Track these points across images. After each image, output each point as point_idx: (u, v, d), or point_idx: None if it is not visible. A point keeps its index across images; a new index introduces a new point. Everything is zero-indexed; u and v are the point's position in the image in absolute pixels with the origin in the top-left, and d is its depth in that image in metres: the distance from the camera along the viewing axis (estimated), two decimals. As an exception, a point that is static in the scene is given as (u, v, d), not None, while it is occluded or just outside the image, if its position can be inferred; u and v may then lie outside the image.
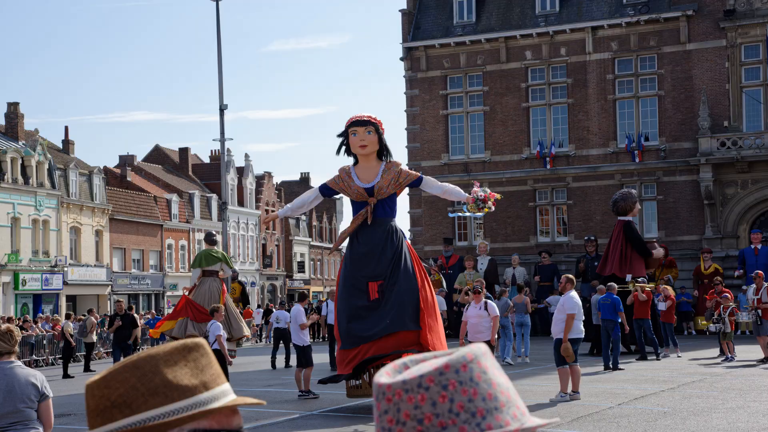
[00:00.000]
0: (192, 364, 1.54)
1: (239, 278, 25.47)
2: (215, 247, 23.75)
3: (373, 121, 12.99)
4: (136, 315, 26.98)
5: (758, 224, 31.93)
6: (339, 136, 13.18)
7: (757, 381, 15.07)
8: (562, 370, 13.34)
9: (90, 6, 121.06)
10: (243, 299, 25.13)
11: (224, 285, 23.27)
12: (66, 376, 23.19)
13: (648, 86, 33.73)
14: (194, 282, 22.92)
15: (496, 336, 15.59)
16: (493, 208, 13.48)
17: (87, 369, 25.22)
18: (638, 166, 33.32)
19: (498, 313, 15.22)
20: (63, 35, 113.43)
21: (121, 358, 18.67)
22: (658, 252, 22.79)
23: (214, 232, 25.13)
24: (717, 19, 32.47)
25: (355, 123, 12.96)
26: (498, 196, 13.67)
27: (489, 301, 15.32)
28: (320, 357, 19.96)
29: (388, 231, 12.95)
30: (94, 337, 26.81)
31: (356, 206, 13.14)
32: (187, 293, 22.15)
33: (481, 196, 13.32)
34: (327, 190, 13.39)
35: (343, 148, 13.14)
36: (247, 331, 23.54)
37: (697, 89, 32.62)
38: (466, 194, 13.68)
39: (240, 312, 23.30)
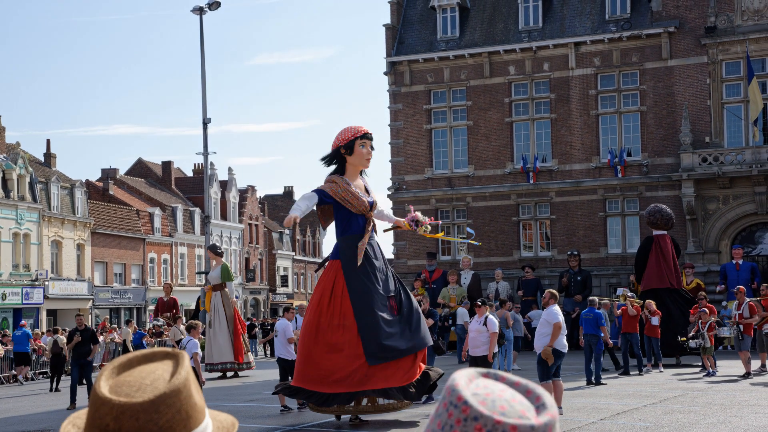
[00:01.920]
0: (194, 381, 1.55)
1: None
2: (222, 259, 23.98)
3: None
4: (117, 329, 26.85)
5: (739, 239, 32.12)
6: (345, 146, 12.68)
7: (738, 396, 15.11)
8: (545, 385, 13.33)
9: (72, 19, 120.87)
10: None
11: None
12: (56, 390, 23.12)
13: (630, 102, 33.93)
14: (232, 296, 23.04)
15: (495, 351, 15.29)
16: (428, 228, 13.44)
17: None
18: (621, 181, 33.47)
19: (497, 329, 14.95)
20: (45, 48, 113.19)
21: (84, 376, 18.17)
22: None
23: (218, 244, 25.30)
24: (698, 36, 32.74)
25: (366, 135, 12.71)
26: (427, 222, 13.56)
27: (490, 315, 15.02)
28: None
29: (380, 247, 13.03)
30: None
31: (355, 220, 12.67)
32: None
33: (419, 219, 13.41)
34: (325, 197, 12.55)
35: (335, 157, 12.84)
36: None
37: (678, 105, 32.85)
38: (395, 218, 13.96)
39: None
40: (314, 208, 12.84)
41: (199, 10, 33.49)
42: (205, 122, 33.60)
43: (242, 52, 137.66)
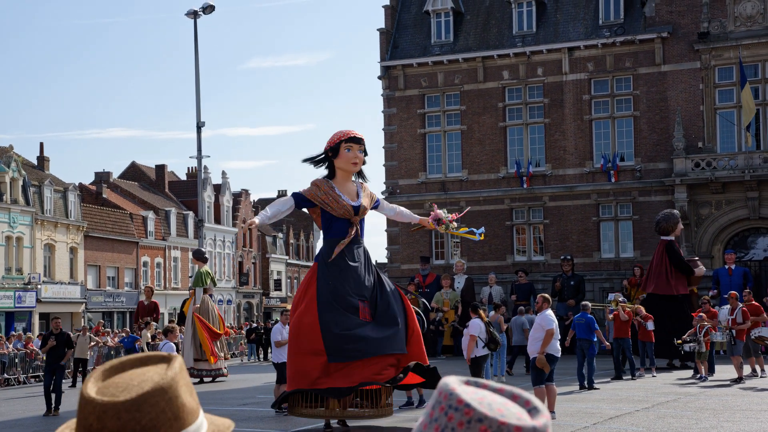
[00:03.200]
0: (187, 384, 1.55)
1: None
2: (206, 265, 23.83)
3: (364, 140, 13.03)
4: (111, 333, 26.81)
5: (732, 245, 32.19)
6: (331, 149, 12.76)
7: (731, 401, 15.15)
8: (538, 390, 13.36)
9: (66, 22, 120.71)
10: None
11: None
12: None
13: (624, 107, 34.01)
14: (200, 301, 22.97)
15: (476, 355, 15.36)
16: (453, 225, 13.62)
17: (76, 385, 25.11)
18: (614, 186, 33.54)
19: (475, 332, 15.06)
20: (38, 51, 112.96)
21: (57, 380, 17.75)
22: (700, 270, 24.34)
23: (204, 249, 25.14)
24: (691, 42, 32.84)
25: (353, 139, 12.79)
26: (451, 219, 13.68)
27: (474, 319, 15.24)
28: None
29: (366, 252, 12.98)
30: (87, 353, 26.81)
31: (336, 223, 12.72)
32: (197, 313, 22.35)
33: (441, 217, 13.53)
34: (303, 201, 12.78)
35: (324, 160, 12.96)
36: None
37: (672, 110, 32.93)
38: (419, 216, 14.14)
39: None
40: (306, 210, 13.08)
41: (194, 14, 33.50)
42: (199, 126, 33.59)
43: (236, 56, 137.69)
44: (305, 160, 13.08)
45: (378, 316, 12.36)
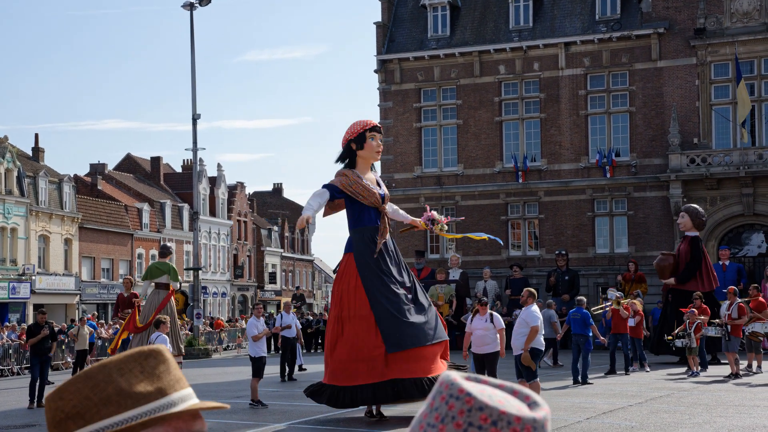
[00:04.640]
0: (148, 371, 1.54)
1: (182, 289, 25.39)
2: (166, 260, 23.47)
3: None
4: (105, 324, 26.80)
5: (726, 241, 32.27)
6: (355, 140, 12.86)
7: (724, 397, 15.20)
8: (533, 384, 13.41)
9: (62, 13, 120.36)
10: (185, 310, 25.40)
11: (167, 297, 22.66)
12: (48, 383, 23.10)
13: (619, 102, 34.04)
14: (144, 294, 22.88)
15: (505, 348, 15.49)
16: (445, 227, 13.76)
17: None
18: (609, 181, 33.58)
19: (504, 325, 15.12)
20: (34, 42, 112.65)
21: (40, 372, 17.67)
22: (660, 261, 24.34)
23: (168, 245, 24.99)
24: (687, 38, 32.87)
25: (375, 128, 12.99)
26: (444, 221, 13.91)
27: (495, 313, 15.31)
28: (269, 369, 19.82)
29: (393, 242, 13.18)
30: (87, 345, 26.86)
31: (366, 212, 12.79)
32: (139, 305, 22.19)
33: (436, 218, 13.70)
34: (336, 192, 12.63)
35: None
36: (177, 350, 23.02)
37: (667, 106, 32.97)
38: (411, 217, 14.17)
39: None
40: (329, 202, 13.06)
41: (190, 6, 33.45)
42: (195, 118, 33.57)
43: (233, 49, 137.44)
44: (338, 161, 13.10)
45: (420, 304, 12.59)
